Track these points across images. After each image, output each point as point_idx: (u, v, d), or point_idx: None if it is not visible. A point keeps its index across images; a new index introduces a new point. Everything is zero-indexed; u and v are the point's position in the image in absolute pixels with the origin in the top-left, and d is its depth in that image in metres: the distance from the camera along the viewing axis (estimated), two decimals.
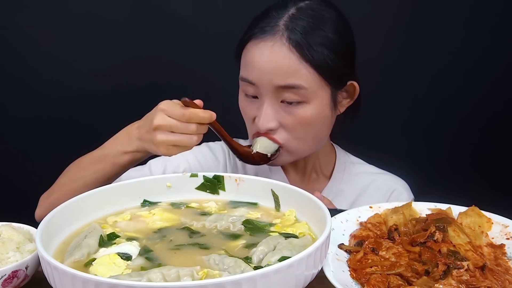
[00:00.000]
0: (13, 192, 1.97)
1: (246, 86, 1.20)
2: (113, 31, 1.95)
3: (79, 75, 1.96)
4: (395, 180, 1.38)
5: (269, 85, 1.15)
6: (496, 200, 1.05)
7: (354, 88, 1.24)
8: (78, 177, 1.20)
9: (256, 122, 1.19)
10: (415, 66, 1.98)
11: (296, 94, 1.15)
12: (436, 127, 2.04)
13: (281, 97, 1.16)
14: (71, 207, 0.88)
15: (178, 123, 1.04)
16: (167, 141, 1.05)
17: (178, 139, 1.05)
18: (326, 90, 1.18)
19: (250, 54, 1.18)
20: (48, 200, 1.25)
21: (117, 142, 1.17)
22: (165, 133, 1.05)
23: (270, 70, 1.14)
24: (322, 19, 1.17)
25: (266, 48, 1.15)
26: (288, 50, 1.13)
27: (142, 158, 1.17)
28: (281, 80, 1.14)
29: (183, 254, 0.80)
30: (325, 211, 0.81)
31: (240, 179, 1.01)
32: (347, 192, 1.35)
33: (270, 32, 1.15)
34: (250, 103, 1.22)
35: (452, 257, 0.80)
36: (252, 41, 1.18)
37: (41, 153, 1.99)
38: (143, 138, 1.10)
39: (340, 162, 1.39)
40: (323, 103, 1.18)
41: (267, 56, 1.15)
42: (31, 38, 1.93)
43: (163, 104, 1.07)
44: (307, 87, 1.15)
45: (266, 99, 1.17)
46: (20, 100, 1.99)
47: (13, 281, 0.80)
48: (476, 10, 1.95)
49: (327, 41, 1.16)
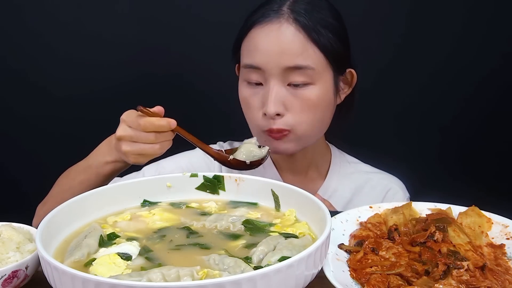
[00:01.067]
0: (14, 192, 1.97)
1: (250, 73, 1.20)
2: (120, 24, 1.94)
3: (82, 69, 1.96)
4: (391, 179, 1.39)
5: (276, 68, 1.15)
6: (496, 200, 1.05)
7: (352, 76, 1.26)
8: (66, 188, 1.21)
9: (264, 109, 1.18)
10: (409, 65, 1.98)
11: (303, 75, 1.15)
12: (430, 127, 2.04)
13: (287, 79, 1.16)
14: (71, 207, 0.88)
15: (137, 132, 1.04)
16: (131, 151, 1.06)
17: (140, 148, 1.05)
18: (330, 73, 1.20)
19: (255, 38, 1.18)
20: (42, 210, 1.26)
21: (99, 152, 1.18)
22: (128, 143, 1.06)
23: (278, 52, 1.15)
24: (319, 5, 1.19)
25: (272, 30, 1.15)
26: (295, 30, 1.14)
27: (122, 168, 1.17)
28: (289, 61, 1.14)
29: (183, 254, 0.80)
30: (325, 211, 0.81)
31: (240, 179, 1.01)
32: (342, 191, 1.36)
33: (275, 16, 1.16)
34: (254, 91, 1.21)
35: (452, 257, 0.80)
36: (257, 26, 1.18)
37: (41, 153, 1.99)
38: (116, 149, 1.11)
39: (336, 161, 1.40)
40: (327, 85, 1.20)
41: (274, 37, 1.15)
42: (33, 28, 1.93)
43: (124, 115, 1.07)
44: (314, 68, 1.16)
45: (273, 83, 1.16)
46: (20, 98, 1.98)
47: (13, 281, 0.80)
48: (469, 9, 1.95)
49: (329, 25, 1.17)
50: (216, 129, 1.49)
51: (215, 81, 1.78)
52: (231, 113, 1.36)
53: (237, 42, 1.24)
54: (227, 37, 1.27)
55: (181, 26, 1.94)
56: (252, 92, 1.21)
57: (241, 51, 1.23)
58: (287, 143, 1.22)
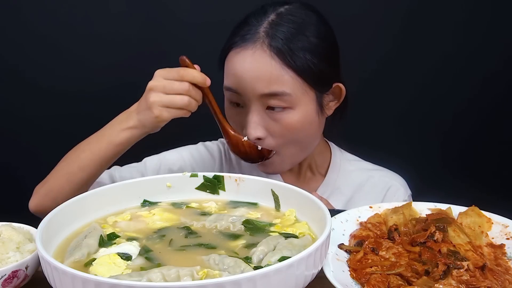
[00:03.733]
0: (14, 192, 1.97)
1: (230, 95, 1.20)
2: (115, 25, 1.96)
3: (82, 69, 1.97)
4: (392, 176, 1.38)
5: (252, 93, 1.15)
6: (496, 200, 1.05)
7: (340, 90, 1.23)
8: (73, 160, 1.19)
9: (245, 133, 1.18)
10: (411, 64, 1.98)
11: (281, 101, 1.14)
12: (432, 125, 2.05)
13: (266, 104, 1.16)
14: (71, 207, 0.88)
15: (171, 82, 1.07)
16: (159, 102, 1.08)
17: (169, 99, 1.08)
18: (311, 95, 1.18)
19: (232, 63, 1.18)
20: (42, 187, 1.23)
21: (116, 121, 1.17)
22: (158, 94, 1.08)
23: (253, 78, 1.14)
24: (302, 24, 1.16)
25: (247, 56, 1.15)
26: (269, 57, 1.13)
27: (138, 136, 1.15)
28: (264, 87, 1.14)
29: (183, 254, 0.80)
30: (325, 211, 0.81)
31: (240, 179, 1.01)
32: (343, 190, 1.35)
33: (250, 40, 1.15)
34: (236, 112, 1.22)
35: (452, 257, 0.80)
36: (234, 50, 1.18)
37: (41, 153, 1.99)
38: (139, 109, 1.12)
39: (335, 159, 1.39)
40: (308, 108, 1.18)
41: (249, 64, 1.14)
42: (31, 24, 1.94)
43: (160, 70, 1.11)
44: (291, 93, 1.14)
45: (252, 107, 1.17)
46: (20, 98, 1.99)
47: (13, 281, 0.80)
48: (469, 8, 1.95)
49: (309, 45, 1.15)
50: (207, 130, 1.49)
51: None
52: None
53: (221, 59, 1.23)
54: (221, 38, 1.26)
55: (177, 27, 1.95)
56: (235, 112, 1.22)
57: (224, 69, 1.22)
58: (272, 165, 1.23)
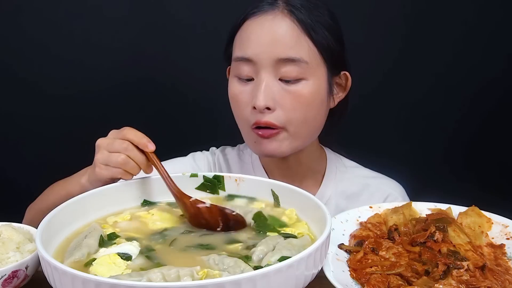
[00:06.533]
0: (14, 192, 1.97)
1: (241, 67, 1.15)
2: (114, 28, 1.96)
3: (79, 72, 1.97)
4: (390, 184, 1.32)
5: (268, 59, 1.11)
6: (496, 200, 1.05)
7: (347, 79, 1.22)
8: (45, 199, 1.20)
9: (253, 101, 1.12)
10: (413, 67, 1.98)
11: (296, 69, 1.11)
12: (432, 125, 2.05)
13: (279, 73, 1.12)
14: (71, 207, 0.88)
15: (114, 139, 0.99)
16: (100, 159, 1.00)
17: (108, 156, 0.99)
18: (324, 70, 1.15)
19: (248, 30, 1.15)
20: (29, 213, 1.25)
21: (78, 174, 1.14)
22: (102, 151, 1.01)
23: (270, 42, 1.11)
24: (316, 4, 1.16)
25: (266, 21, 1.12)
26: (290, 21, 1.11)
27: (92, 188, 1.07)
28: (281, 52, 1.10)
29: (183, 254, 0.80)
30: (325, 211, 0.81)
31: (240, 179, 1.01)
32: (338, 200, 1.29)
33: (270, 7, 1.14)
34: (244, 88, 1.16)
35: (452, 257, 0.80)
36: (251, 18, 1.15)
37: (40, 154, 1.99)
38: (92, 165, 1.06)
39: (331, 166, 1.33)
40: (320, 81, 1.15)
41: (268, 28, 1.12)
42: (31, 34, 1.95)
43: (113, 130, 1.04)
44: (307, 61, 1.11)
45: (264, 76, 1.12)
46: (19, 100, 1.99)
47: (13, 281, 0.80)
48: (474, 10, 1.95)
49: (326, 23, 1.15)
50: (206, 133, 1.48)
51: (207, 86, 1.77)
52: (221, 118, 1.33)
53: (231, 37, 1.20)
54: (219, 43, 1.26)
55: (175, 32, 1.96)
56: (242, 88, 1.16)
57: (234, 45, 1.19)
58: (278, 143, 1.15)
